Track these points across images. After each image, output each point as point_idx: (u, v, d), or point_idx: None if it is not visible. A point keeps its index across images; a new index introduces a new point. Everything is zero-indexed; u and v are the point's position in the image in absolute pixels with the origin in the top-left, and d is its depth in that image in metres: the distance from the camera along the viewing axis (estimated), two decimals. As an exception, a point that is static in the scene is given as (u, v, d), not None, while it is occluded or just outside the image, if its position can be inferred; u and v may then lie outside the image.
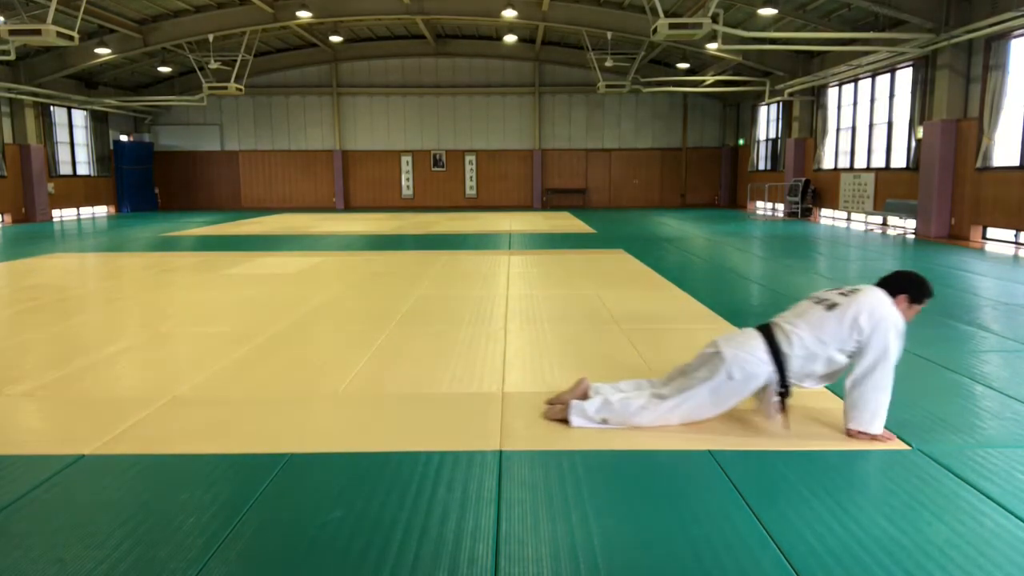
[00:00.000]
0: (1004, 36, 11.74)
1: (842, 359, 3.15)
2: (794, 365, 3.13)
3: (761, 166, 22.84)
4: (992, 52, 11.96)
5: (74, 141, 21.72)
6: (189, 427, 3.44)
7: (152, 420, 3.53)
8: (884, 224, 15.85)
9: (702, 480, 2.82)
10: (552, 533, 2.42)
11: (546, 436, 3.28)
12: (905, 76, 14.85)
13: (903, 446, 3.15)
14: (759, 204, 22.92)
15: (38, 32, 11.32)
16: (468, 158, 25.65)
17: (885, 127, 15.76)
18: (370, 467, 2.95)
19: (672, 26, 11.63)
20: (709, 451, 3.08)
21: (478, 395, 3.87)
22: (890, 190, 15.39)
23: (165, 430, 3.40)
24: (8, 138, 18.67)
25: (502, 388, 4.02)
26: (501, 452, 3.10)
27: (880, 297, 3.13)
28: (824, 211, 18.85)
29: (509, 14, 17.76)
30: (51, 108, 20.29)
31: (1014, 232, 12.04)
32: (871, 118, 16.34)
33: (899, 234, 14.15)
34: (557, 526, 2.47)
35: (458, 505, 2.62)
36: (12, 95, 18.19)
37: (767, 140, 22.55)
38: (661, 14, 12.11)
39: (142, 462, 3.02)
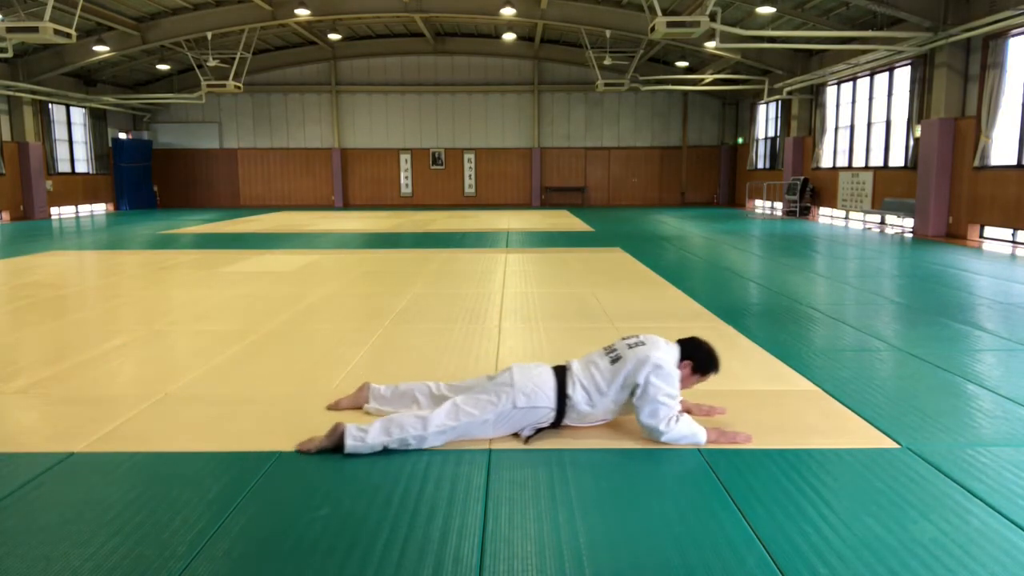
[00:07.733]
0: (1002, 35, 11.74)
1: (619, 408, 3.23)
2: (574, 409, 3.20)
3: (760, 165, 22.83)
4: (990, 51, 11.95)
5: (72, 139, 21.71)
6: (180, 425, 3.44)
7: (143, 417, 3.53)
8: (882, 223, 15.85)
9: (690, 478, 2.83)
10: (538, 531, 2.42)
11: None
12: (903, 75, 14.85)
13: (891, 444, 3.16)
14: (758, 203, 22.91)
15: (35, 29, 11.33)
16: (467, 156, 25.64)
17: (883, 126, 15.76)
18: (359, 464, 2.96)
19: (670, 24, 11.65)
20: (698, 449, 3.09)
21: (470, 393, 3.87)
22: (888, 189, 15.39)
23: (156, 428, 3.40)
24: (6, 136, 18.67)
25: (494, 386, 4.01)
26: (491, 450, 3.10)
27: (659, 354, 3.14)
28: (822, 210, 18.85)
29: (508, 12, 17.75)
30: (49, 106, 20.27)
31: (1011, 231, 12.05)
32: (869, 117, 16.34)
33: (897, 233, 14.15)
34: (544, 524, 2.47)
35: (445, 503, 2.62)
36: (10, 92, 18.18)
37: (766, 139, 22.54)
38: (659, 12, 12.12)
39: (132, 460, 3.03)
